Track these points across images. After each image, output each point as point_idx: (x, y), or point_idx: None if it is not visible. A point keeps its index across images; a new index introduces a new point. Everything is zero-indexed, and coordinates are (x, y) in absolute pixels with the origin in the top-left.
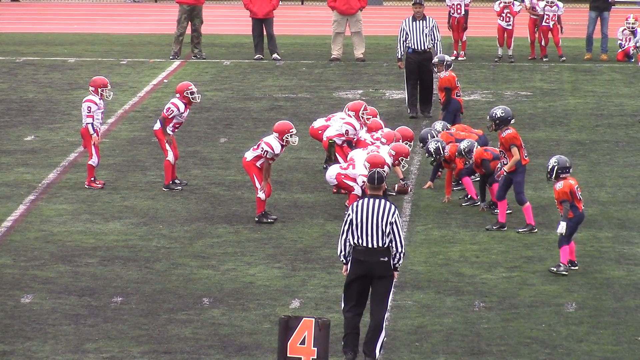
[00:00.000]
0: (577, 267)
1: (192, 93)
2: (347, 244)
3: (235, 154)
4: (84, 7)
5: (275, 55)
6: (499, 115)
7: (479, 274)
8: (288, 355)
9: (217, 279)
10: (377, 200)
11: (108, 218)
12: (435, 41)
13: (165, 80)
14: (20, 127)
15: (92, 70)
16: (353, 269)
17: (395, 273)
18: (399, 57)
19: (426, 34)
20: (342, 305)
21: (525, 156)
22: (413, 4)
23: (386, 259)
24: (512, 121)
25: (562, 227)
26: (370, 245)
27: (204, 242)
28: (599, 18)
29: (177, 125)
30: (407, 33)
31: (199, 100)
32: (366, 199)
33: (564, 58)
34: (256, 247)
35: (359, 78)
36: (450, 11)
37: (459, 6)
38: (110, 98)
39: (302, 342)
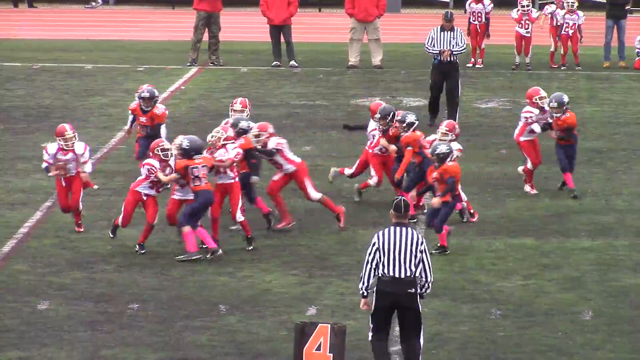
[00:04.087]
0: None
1: (163, 150)
2: (372, 274)
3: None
4: (101, 14)
5: (292, 62)
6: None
7: (495, 281)
8: None
9: (234, 286)
10: (403, 229)
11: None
12: (461, 49)
13: (182, 87)
14: (37, 133)
15: (108, 77)
16: (378, 300)
17: (420, 300)
18: (436, 58)
19: (453, 45)
20: (370, 336)
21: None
22: (444, 19)
23: (413, 290)
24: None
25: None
26: (397, 275)
27: (220, 248)
28: (615, 26)
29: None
30: (434, 43)
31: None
32: (392, 227)
33: (579, 67)
34: (272, 254)
35: (377, 85)
36: (470, 18)
37: (479, 14)
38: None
39: (318, 348)
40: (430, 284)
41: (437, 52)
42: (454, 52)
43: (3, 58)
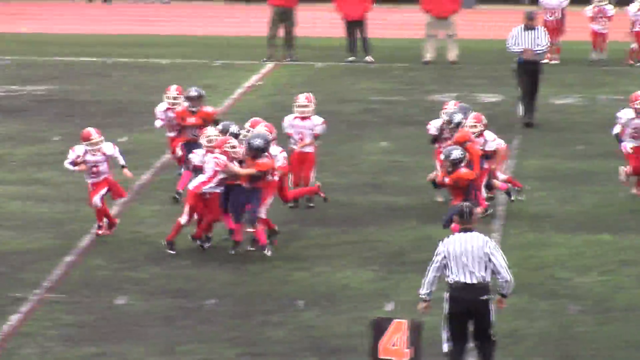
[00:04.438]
0: None
1: (233, 147)
2: (434, 282)
3: (329, 156)
4: (177, 9)
5: (368, 58)
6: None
7: (573, 277)
8: (380, 357)
9: (311, 282)
10: (469, 234)
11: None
12: (543, 48)
13: (258, 83)
14: (112, 128)
15: (184, 72)
16: (451, 307)
17: (504, 300)
18: (520, 58)
19: (537, 44)
20: (445, 347)
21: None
22: (526, 17)
23: (485, 297)
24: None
25: None
26: (469, 281)
27: (297, 244)
28: None
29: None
30: (517, 41)
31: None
32: (457, 234)
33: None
34: (350, 250)
35: (452, 81)
36: (546, 14)
37: (555, 10)
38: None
39: (394, 344)
40: (508, 283)
41: (520, 51)
42: (536, 52)
43: (78, 53)
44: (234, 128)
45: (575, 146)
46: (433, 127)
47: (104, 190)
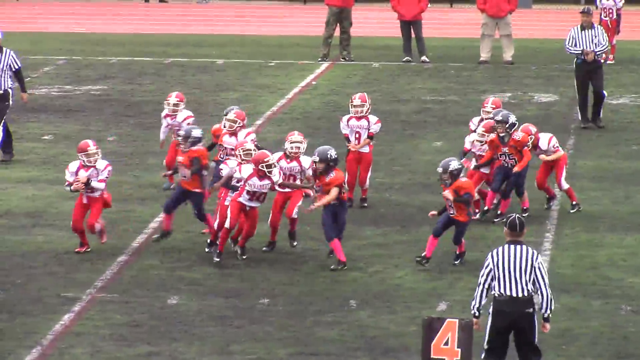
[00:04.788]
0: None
1: (268, 166)
2: (485, 294)
3: (383, 156)
4: (233, 9)
5: (423, 58)
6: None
7: (627, 277)
8: (432, 356)
9: (364, 281)
10: (518, 246)
11: None
12: (603, 48)
13: (313, 82)
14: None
15: (240, 72)
16: (495, 321)
17: (547, 324)
18: (579, 58)
19: (595, 43)
20: (483, 356)
21: None
22: (581, 13)
23: (531, 310)
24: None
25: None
26: (515, 295)
27: (351, 244)
28: None
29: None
30: (576, 42)
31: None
32: (506, 246)
33: None
34: (403, 250)
35: (508, 81)
36: (601, 14)
37: (610, 10)
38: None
39: (446, 343)
40: (549, 302)
41: (579, 52)
42: (597, 52)
43: (134, 53)
44: (196, 132)
45: (630, 146)
46: (468, 141)
47: (100, 212)
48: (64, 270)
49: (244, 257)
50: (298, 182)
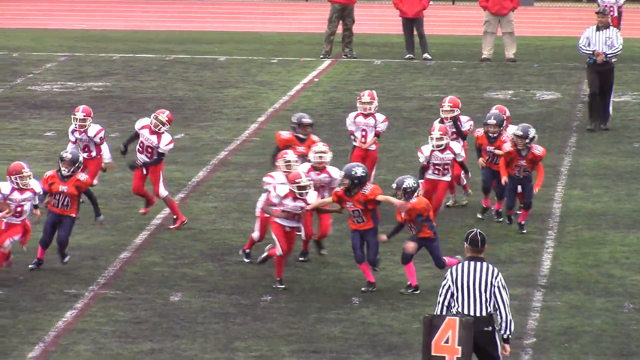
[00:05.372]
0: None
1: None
2: (444, 312)
3: (385, 153)
4: (235, 6)
5: (425, 55)
6: None
7: (629, 275)
8: (432, 353)
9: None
10: (478, 263)
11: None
12: (616, 51)
13: (315, 79)
14: (170, 125)
15: (242, 69)
16: None
17: (507, 346)
18: (591, 58)
19: (609, 45)
20: None
21: None
22: (597, 13)
23: (489, 328)
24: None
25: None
26: (472, 313)
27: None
28: None
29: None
30: (589, 42)
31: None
32: (466, 262)
33: None
34: None
35: (510, 79)
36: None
37: (611, 8)
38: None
39: (447, 341)
40: (508, 324)
41: (591, 52)
42: (608, 55)
43: (136, 49)
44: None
45: (632, 144)
46: (423, 155)
47: (18, 237)
48: (67, 266)
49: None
50: (327, 195)
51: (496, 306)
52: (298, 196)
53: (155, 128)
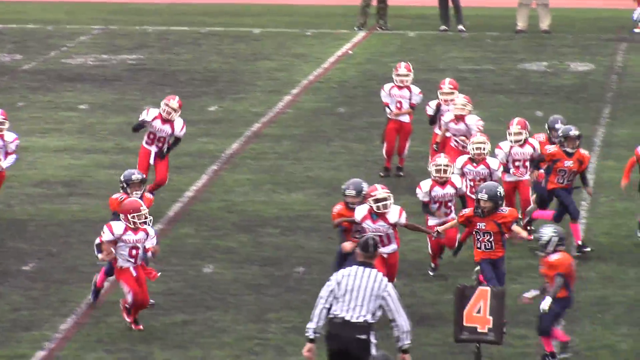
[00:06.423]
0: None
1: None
2: (324, 314)
3: (418, 124)
4: None
5: (460, 27)
6: None
7: None
8: (464, 324)
9: (400, 250)
10: (367, 270)
11: (291, 188)
12: None
13: (349, 52)
14: (203, 97)
15: (276, 41)
16: (329, 343)
17: (407, 356)
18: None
19: None
20: None
21: None
22: None
23: (364, 336)
24: None
25: (546, 302)
26: (349, 318)
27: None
28: None
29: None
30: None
31: None
32: (355, 266)
33: None
34: None
35: (544, 50)
36: None
37: None
38: None
39: (478, 312)
40: (406, 334)
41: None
42: None
43: (170, 22)
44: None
45: None
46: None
47: None
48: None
49: None
50: (443, 210)
51: (390, 316)
52: (376, 210)
53: (168, 116)
